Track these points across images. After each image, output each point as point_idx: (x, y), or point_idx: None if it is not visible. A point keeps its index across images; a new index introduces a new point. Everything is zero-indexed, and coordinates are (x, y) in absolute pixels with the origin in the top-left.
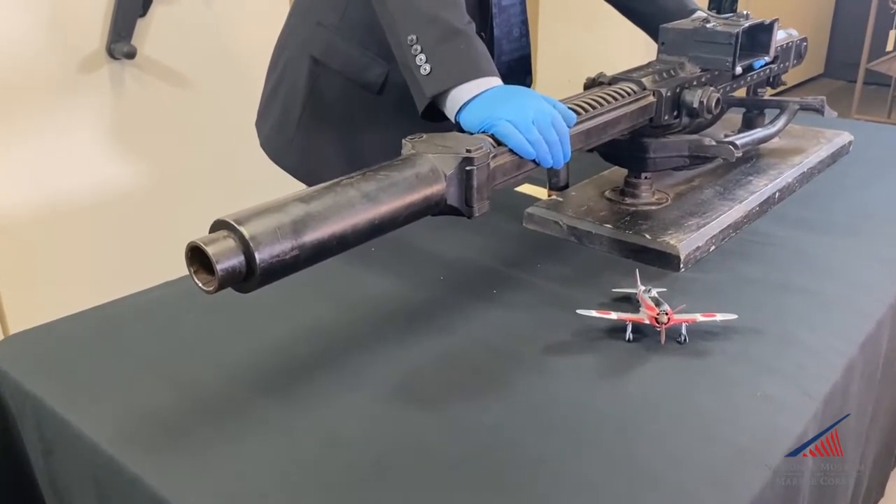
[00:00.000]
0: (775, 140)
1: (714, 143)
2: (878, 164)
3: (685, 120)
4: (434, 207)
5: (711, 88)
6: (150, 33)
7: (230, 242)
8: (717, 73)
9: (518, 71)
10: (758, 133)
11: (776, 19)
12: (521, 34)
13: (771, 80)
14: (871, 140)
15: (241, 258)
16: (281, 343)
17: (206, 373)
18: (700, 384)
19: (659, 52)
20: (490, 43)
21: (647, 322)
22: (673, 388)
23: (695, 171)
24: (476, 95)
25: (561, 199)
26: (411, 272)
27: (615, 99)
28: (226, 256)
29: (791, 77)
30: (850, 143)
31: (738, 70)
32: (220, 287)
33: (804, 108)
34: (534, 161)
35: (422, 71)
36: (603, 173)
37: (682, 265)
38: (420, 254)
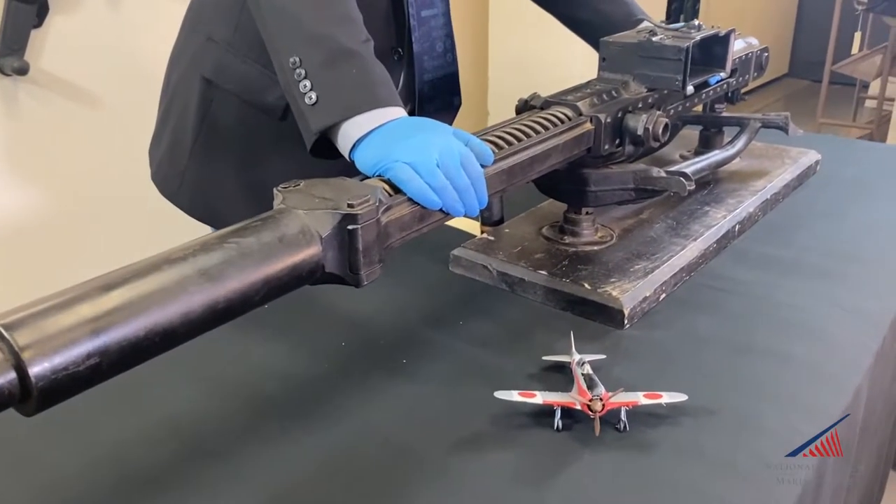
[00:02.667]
0: (735, 161)
1: (663, 174)
2: (849, 186)
3: (629, 149)
4: (308, 278)
5: (658, 112)
6: (48, 45)
7: None
8: (666, 92)
9: (444, 91)
10: (714, 157)
11: (732, 30)
12: (446, 49)
13: (729, 95)
14: (840, 157)
15: (12, 375)
16: (118, 448)
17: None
18: (642, 489)
19: (600, 69)
20: (409, 60)
21: (578, 408)
22: (607, 496)
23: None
24: (371, 130)
25: (493, 238)
26: (308, 337)
27: (545, 128)
28: None
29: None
30: (817, 162)
31: (690, 89)
32: None
33: (767, 125)
34: (441, 211)
35: (306, 100)
36: (542, 204)
37: (626, 321)
38: (323, 311)
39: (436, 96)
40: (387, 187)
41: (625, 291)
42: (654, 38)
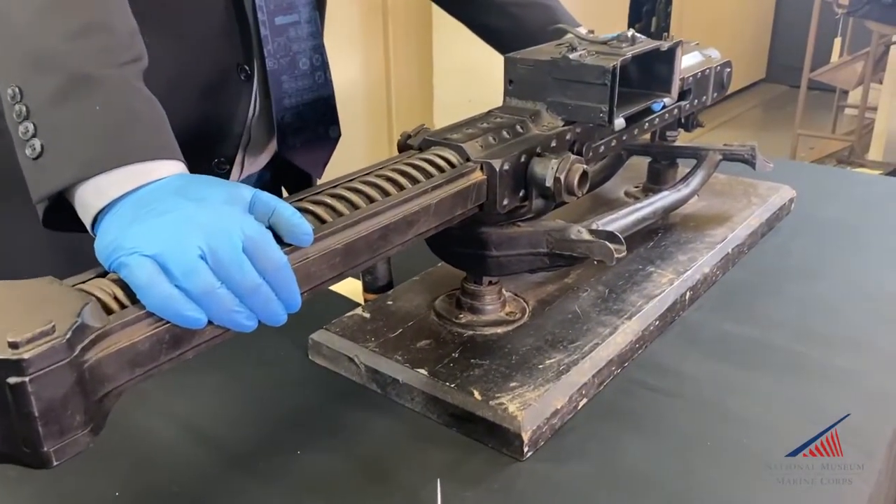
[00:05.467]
0: (692, 201)
1: (586, 236)
2: (829, 231)
3: (538, 203)
4: None
5: (573, 157)
6: None
7: None
8: (591, 125)
9: (313, 120)
10: (660, 202)
11: (679, 42)
12: (314, 66)
13: (682, 120)
14: (817, 192)
15: None
16: None
17: None
18: None
19: (505, 94)
20: (262, 81)
21: None
22: None
23: None
24: (118, 199)
25: (367, 315)
26: (80, 483)
27: (414, 180)
28: None
29: (732, 83)
30: (791, 200)
31: (620, 122)
32: None
33: (729, 158)
34: (223, 326)
35: (28, 151)
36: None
37: (526, 447)
38: (122, 431)
39: (303, 127)
40: (119, 294)
41: (526, 404)
42: (571, 56)
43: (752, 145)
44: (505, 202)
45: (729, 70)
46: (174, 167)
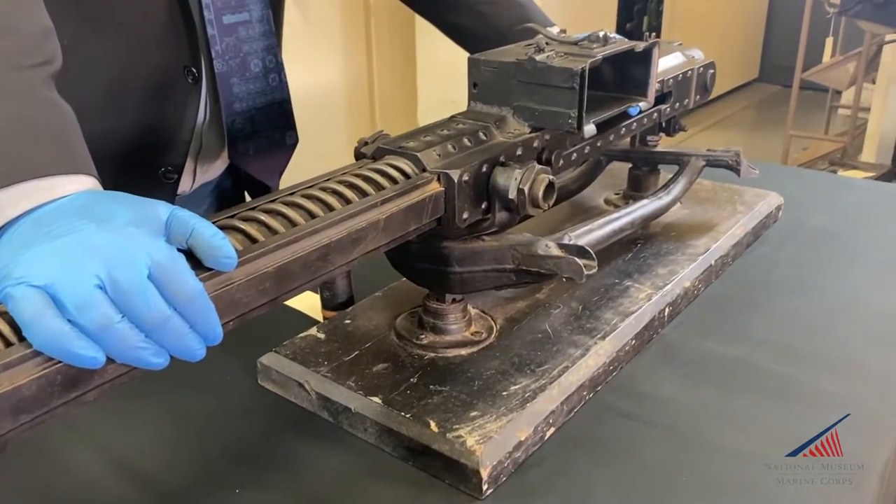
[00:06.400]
0: (674, 208)
1: (554, 251)
2: (817, 240)
3: (502, 217)
4: None
5: (538, 167)
6: None
7: None
8: (560, 132)
9: (267, 125)
10: (638, 211)
11: (655, 43)
12: (268, 68)
13: (663, 125)
14: (805, 198)
15: None
16: None
17: None
18: None
19: (470, 98)
20: (212, 84)
21: None
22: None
23: None
24: (13, 220)
25: (322, 336)
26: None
27: (362, 193)
28: None
29: (723, 83)
30: (779, 208)
31: (591, 129)
32: None
33: (712, 164)
34: (125, 364)
35: None
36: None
37: (485, 485)
38: (46, 464)
39: (256, 132)
40: (5, 330)
41: (487, 436)
42: (538, 58)
43: (736, 151)
44: (465, 216)
45: (712, 72)
46: (82, 183)
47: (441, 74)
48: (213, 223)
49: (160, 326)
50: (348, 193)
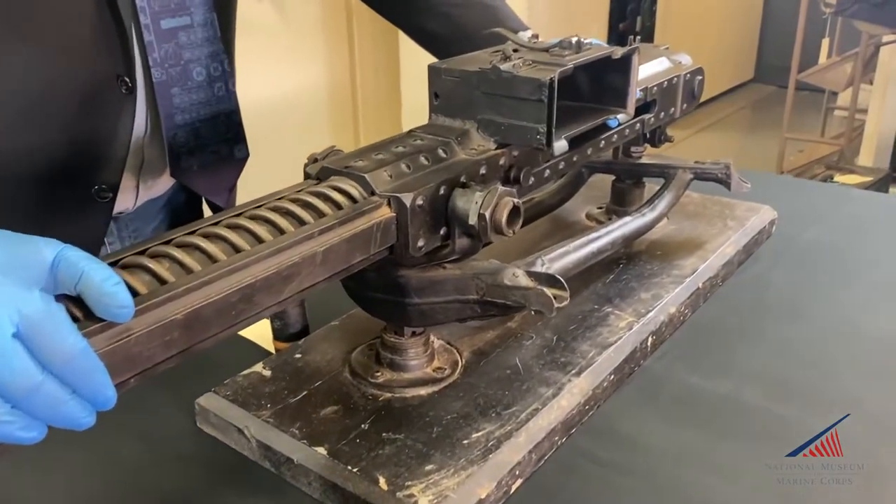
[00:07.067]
0: (660, 224)
1: (522, 281)
2: (815, 259)
3: (462, 243)
4: None
5: (501, 189)
6: None
7: None
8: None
9: (213, 139)
10: (621, 229)
11: (634, 49)
12: (212, 77)
13: (648, 135)
14: (803, 212)
15: None
16: None
17: None
18: None
19: (431, 110)
20: (150, 94)
21: None
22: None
23: None
24: None
25: (267, 373)
26: None
27: (299, 221)
28: None
29: (718, 84)
30: (772, 222)
31: (562, 145)
32: None
33: (700, 177)
34: None
35: None
36: None
37: None
38: None
39: (201, 147)
40: None
41: (442, 496)
42: (502, 66)
43: (726, 163)
44: (420, 244)
45: (700, 78)
46: None
47: (426, 77)
48: (118, 261)
49: (30, 394)
50: (282, 222)
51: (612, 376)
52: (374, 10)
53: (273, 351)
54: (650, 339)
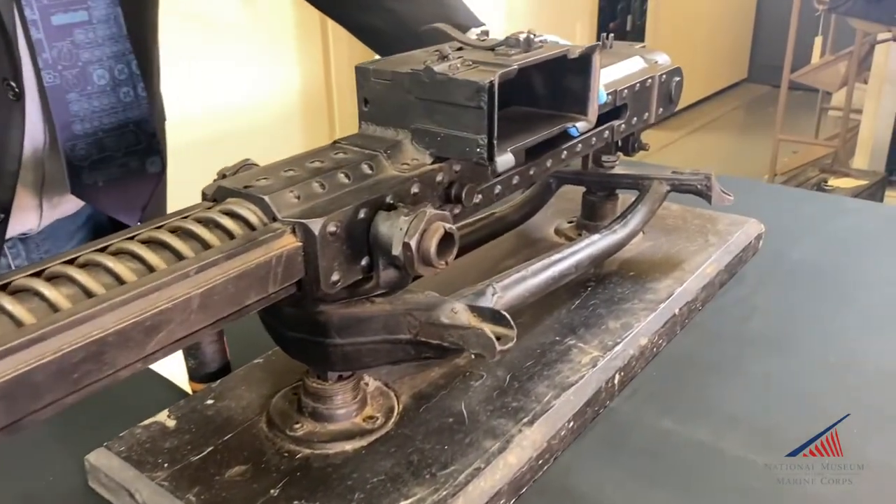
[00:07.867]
0: (635, 240)
1: (462, 318)
2: (805, 279)
3: (388, 275)
4: None
5: (431, 213)
6: None
7: None
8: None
9: (121, 150)
10: (587, 249)
11: (594, 47)
12: (118, 80)
13: (619, 143)
14: (792, 225)
15: None
16: None
17: None
18: None
19: (361, 118)
20: (43, 100)
21: None
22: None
23: None
24: None
25: (171, 425)
26: None
27: (177, 256)
28: None
29: (711, 84)
30: (759, 237)
31: (507, 159)
32: None
33: (678, 189)
34: None
35: None
36: None
37: None
38: None
39: (105, 160)
40: None
41: None
42: (437, 68)
43: (706, 174)
44: (334, 278)
45: (678, 79)
46: None
47: None
48: None
49: None
50: (152, 259)
51: (572, 423)
52: (313, 6)
53: (191, 391)
54: (617, 377)
